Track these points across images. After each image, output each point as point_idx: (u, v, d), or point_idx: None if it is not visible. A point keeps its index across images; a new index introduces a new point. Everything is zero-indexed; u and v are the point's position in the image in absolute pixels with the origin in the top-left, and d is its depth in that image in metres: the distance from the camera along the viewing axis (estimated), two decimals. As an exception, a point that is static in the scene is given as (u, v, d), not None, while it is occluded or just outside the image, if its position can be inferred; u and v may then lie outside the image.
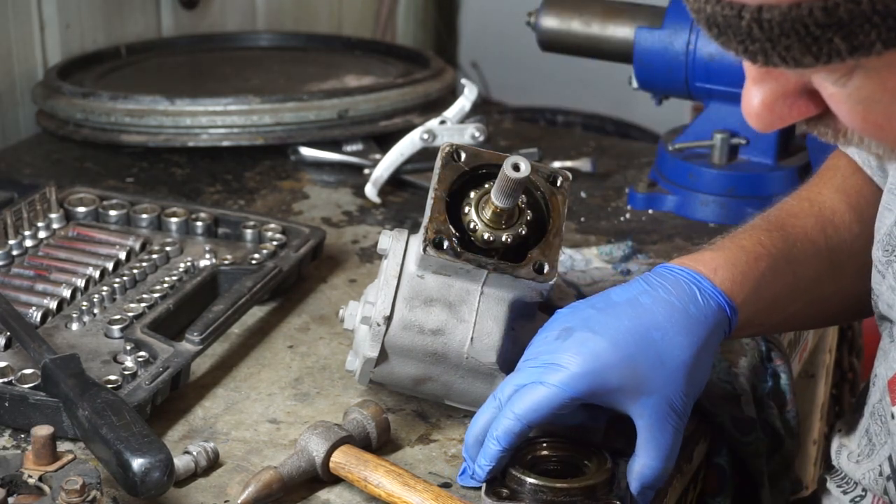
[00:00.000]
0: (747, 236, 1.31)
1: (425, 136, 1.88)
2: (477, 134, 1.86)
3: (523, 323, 1.32)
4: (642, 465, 1.19)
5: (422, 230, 1.27)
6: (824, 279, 1.34)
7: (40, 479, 1.14)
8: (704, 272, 1.25)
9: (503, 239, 1.28)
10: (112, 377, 1.34)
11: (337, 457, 1.24)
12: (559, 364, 1.18)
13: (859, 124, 0.93)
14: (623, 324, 1.20)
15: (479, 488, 1.21)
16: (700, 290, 1.23)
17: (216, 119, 1.98)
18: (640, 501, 1.21)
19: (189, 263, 1.58)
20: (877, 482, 1.30)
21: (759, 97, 0.95)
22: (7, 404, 1.30)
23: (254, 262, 1.58)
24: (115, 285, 1.52)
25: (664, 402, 1.18)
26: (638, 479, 1.19)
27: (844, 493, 1.36)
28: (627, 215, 1.87)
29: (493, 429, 1.19)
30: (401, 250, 1.30)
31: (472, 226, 1.28)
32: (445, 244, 1.27)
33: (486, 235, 1.27)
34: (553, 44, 1.97)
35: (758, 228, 1.32)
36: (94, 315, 1.48)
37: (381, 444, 1.30)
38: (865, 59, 0.86)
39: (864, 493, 1.34)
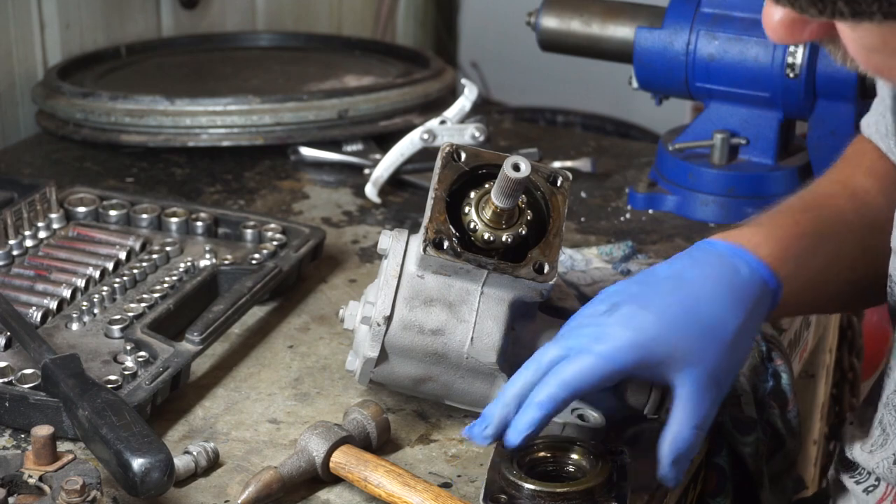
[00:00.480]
0: (784, 215, 1.32)
1: (425, 136, 1.88)
2: (477, 134, 1.86)
3: (523, 323, 1.32)
4: (675, 433, 1.19)
5: (422, 230, 1.27)
6: (859, 259, 1.35)
7: (40, 479, 1.14)
8: (748, 247, 1.25)
9: (503, 239, 1.28)
10: (112, 377, 1.34)
11: (337, 457, 1.24)
12: (607, 336, 1.18)
13: (863, 64, 0.98)
14: (669, 298, 1.21)
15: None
16: (744, 264, 1.24)
17: (216, 119, 1.98)
18: (672, 473, 1.19)
19: (189, 263, 1.58)
20: (890, 471, 1.32)
21: (779, 15, 0.99)
22: (7, 404, 1.30)
23: (254, 262, 1.58)
24: (116, 285, 1.52)
25: (706, 374, 1.18)
26: (671, 449, 1.19)
27: (857, 483, 1.37)
28: (627, 215, 1.87)
29: (535, 395, 1.18)
30: (401, 250, 1.30)
31: (472, 226, 1.28)
32: (445, 244, 1.27)
33: (486, 235, 1.27)
34: (553, 44, 1.97)
35: (794, 208, 1.34)
36: (95, 315, 1.48)
37: (381, 444, 1.30)
38: (868, 22, 0.90)
39: (877, 483, 1.35)
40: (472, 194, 1.29)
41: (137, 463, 1.16)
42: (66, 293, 1.51)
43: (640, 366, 1.18)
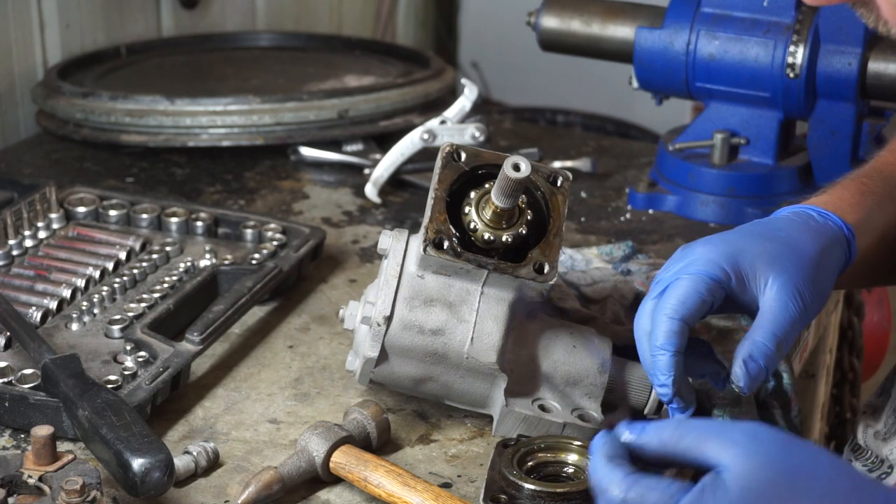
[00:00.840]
0: (849, 182, 1.35)
1: (425, 136, 1.88)
2: (477, 134, 1.86)
3: (523, 323, 1.32)
4: (753, 338, 1.20)
5: (422, 230, 1.27)
6: None
7: (40, 479, 1.14)
8: (816, 205, 1.30)
9: (503, 239, 1.28)
10: (112, 377, 1.34)
11: (337, 457, 1.24)
12: (694, 257, 1.21)
13: (894, 24, 1.01)
14: (749, 227, 1.25)
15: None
16: (816, 214, 1.28)
17: (216, 119, 1.98)
18: (742, 371, 1.20)
19: (189, 263, 1.58)
20: None
21: None
22: (7, 404, 1.30)
23: (254, 262, 1.58)
24: (115, 285, 1.52)
25: (790, 284, 1.20)
26: (745, 349, 1.20)
27: (870, 471, 1.39)
28: (627, 215, 1.87)
29: (654, 341, 1.20)
30: (401, 250, 1.30)
31: (472, 226, 1.28)
32: (445, 244, 1.27)
33: (486, 235, 1.27)
34: (553, 44, 1.97)
35: (857, 175, 1.37)
36: (94, 315, 1.48)
37: (381, 444, 1.30)
38: None
39: (889, 471, 1.37)
40: (472, 194, 1.29)
41: (137, 463, 1.16)
42: (66, 293, 1.51)
43: (730, 276, 1.20)
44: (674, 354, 1.19)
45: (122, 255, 1.60)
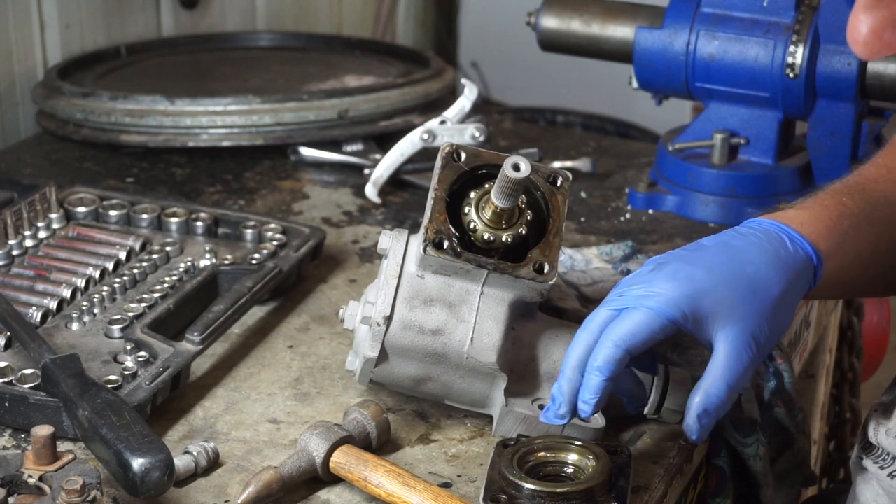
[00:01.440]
0: (829, 197, 1.35)
1: (425, 136, 1.88)
2: (477, 134, 1.86)
3: (523, 323, 1.32)
4: (708, 387, 1.21)
5: (422, 230, 1.27)
6: None
7: (40, 479, 1.14)
8: (791, 225, 1.29)
9: (503, 239, 1.28)
10: (112, 377, 1.34)
11: (337, 457, 1.24)
12: (656, 290, 1.21)
13: None
14: (717, 258, 1.25)
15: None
16: (789, 239, 1.27)
17: (216, 119, 1.98)
18: (696, 425, 1.21)
19: (189, 263, 1.58)
20: None
21: (869, 24, 1.00)
22: (7, 404, 1.30)
23: (254, 262, 1.58)
24: (116, 285, 1.52)
25: (748, 332, 1.21)
26: (700, 402, 1.21)
27: (881, 468, 1.39)
28: (627, 215, 1.87)
29: (593, 359, 1.21)
30: (401, 250, 1.30)
31: (472, 226, 1.28)
32: (445, 244, 1.27)
33: (486, 235, 1.27)
34: (553, 44, 1.97)
35: (838, 191, 1.36)
36: (95, 315, 1.48)
37: (381, 444, 1.30)
38: None
39: None
40: (472, 194, 1.29)
41: (137, 463, 1.16)
42: (66, 293, 1.51)
43: (688, 318, 1.21)
44: (606, 380, 1.20)
45: (122, 255, 1.60)
